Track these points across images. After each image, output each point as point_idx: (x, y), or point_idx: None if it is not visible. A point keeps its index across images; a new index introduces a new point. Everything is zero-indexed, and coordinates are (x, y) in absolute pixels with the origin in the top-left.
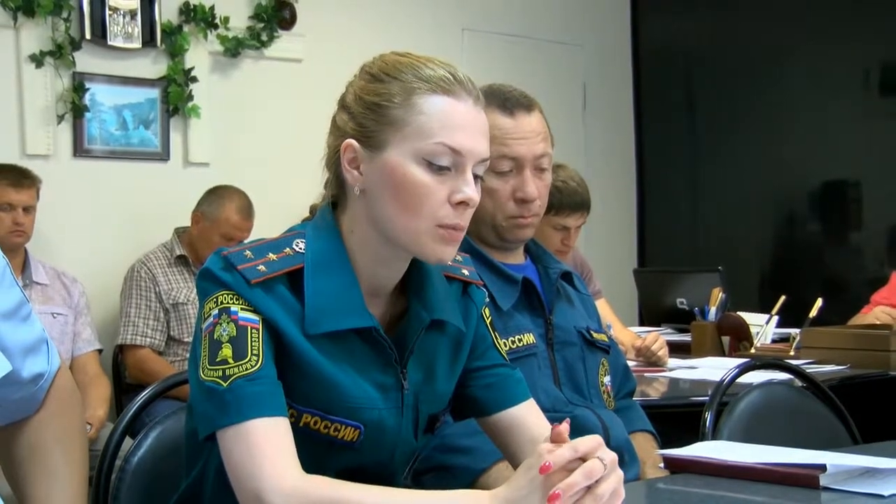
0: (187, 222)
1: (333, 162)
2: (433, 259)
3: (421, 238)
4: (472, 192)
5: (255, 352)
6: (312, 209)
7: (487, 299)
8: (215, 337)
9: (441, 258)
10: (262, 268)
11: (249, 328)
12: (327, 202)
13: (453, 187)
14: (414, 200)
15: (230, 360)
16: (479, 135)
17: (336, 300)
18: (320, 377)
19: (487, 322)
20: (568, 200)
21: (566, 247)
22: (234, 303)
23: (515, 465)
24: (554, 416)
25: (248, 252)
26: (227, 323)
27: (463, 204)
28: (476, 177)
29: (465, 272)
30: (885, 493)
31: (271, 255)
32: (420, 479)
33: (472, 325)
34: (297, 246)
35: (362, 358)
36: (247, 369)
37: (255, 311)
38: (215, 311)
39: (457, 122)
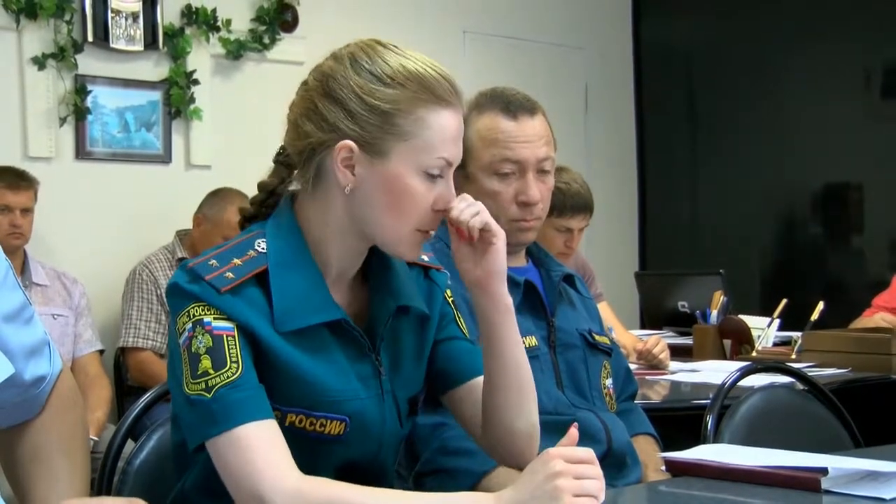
0: (189, 225)
1: (317, 155)
2: (405, 258)
3: (402, 241)
4: (453, 200)
5: (233, 359)
6: (261, 186)
7: (450, 281)
8: (193, 350)
9: (412, 258)
10: (229, 275)
11: (225, 336)
12: (289, 196)
13: (438, 195)
14: (406, 208)
15: (211, 371)
16: (461, 143)
17: (302, 296)
18: (299, 374)
19: (450, 301)
20: (571, 202)
21: (569, 249)
22: (206, 313)
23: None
24: (556, 418)
25: (212, 261)
26: (203, 334)
27: (441, 211)
28: None
29: (425, 258)
30: (887, 496)
31: (236, 261)
32: (422, 482)
33: (437, 305)
34: (259, 246)
35: (337, 350)
36: (228, 377)
37: (228, 319)
38: (189, 325)
39: (452, 136)
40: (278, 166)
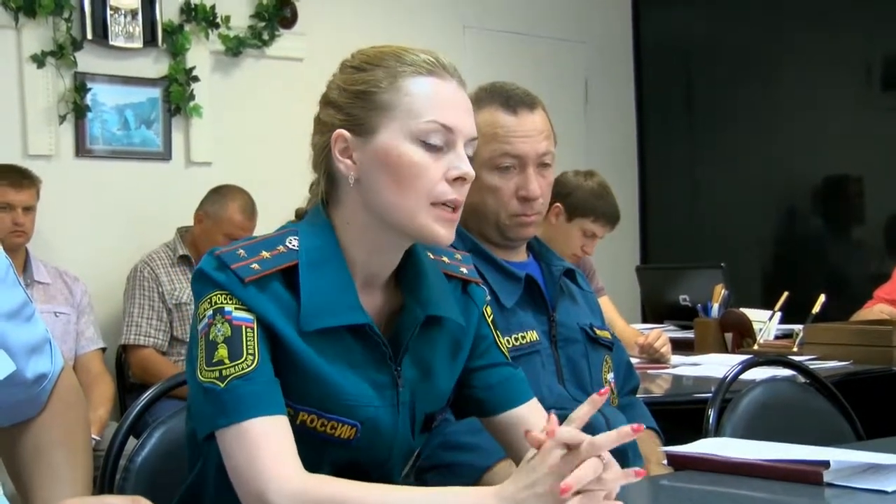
0: (190, 222)
1: (323, 159)
2: (432, 240)
3: (419, 217)
4: (467, 167)
5: (250, 351)
6: (298, 213)
7: (489, 297)
8: (211, 338)
9: (439, 239)
10: (255, 266)
11: (244, 327)
12: (319, 199)
13: (448, 164)
14: (410, 180)
15: (226, 361)
16: (466, 113)
17: (330, 297)
18: (316, 375)
19: (489, 320)
20: (609, 211)
21: (585, 253)
22: (227, 303)
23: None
24: (558, 413)
25: (241, 251)
26: (222, 323)
27: (460, 179)
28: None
29: (464, 270)
30: (889, 488)
31: (264, 253)
32: (423, 478)
33: (473, 323)
34: (290, 243)
35: (357, 355)
36: (243, 369)
37: (249, 310)
38: (210, 312)
39: (444, 101)
40: (312, 194)
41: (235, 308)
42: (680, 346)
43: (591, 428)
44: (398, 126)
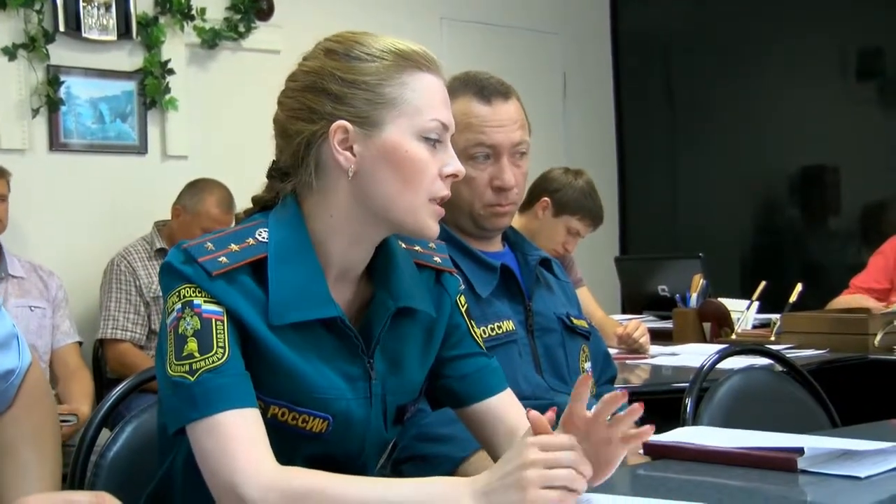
0: (166, 215)
1: (314, 147)
2: (426, 234)
3: (419, 213)
4: (459, 164)
5: (220, 344)
6: (256, 200)
7: (462, 286)
8: (180, 331)
9: (433, 233)
10: (223, 259)
11: (214, 320)
12: (292, 190)
13: (442, 161)
14: (414, 176)
15: (196, 354)
16: (450, 109)
17: (300, 290)
18: (286, 368)
19: (462, 310)
20: (595, 211)
21: (566, 251)
22: (196, 296)
23: (493, 455)
24: (535, 403)
25: (209, 244)
26: (191, 316)
27: (452, 176)
28: None
29: (438, 259)
30: (862, 474)
31: (233, 246)
32: (400, 469)
33: (445, 313)
34: (259, 235)
35: (328, 348)
36: (213, 362)
37: (218, 303)
38: (178, 306)
39: (440, 99)
40: (272, 181)
41: (205, 301)
42: (659, 337)
43: None
44: (404, 122)
